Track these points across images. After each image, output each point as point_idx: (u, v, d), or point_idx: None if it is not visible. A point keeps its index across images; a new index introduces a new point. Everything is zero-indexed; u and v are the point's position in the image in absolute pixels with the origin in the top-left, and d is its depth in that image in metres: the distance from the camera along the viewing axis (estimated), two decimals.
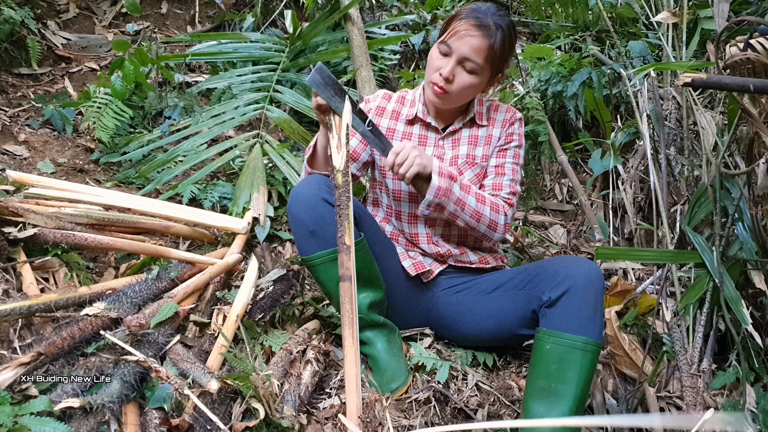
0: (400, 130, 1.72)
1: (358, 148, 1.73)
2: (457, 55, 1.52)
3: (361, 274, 1.54)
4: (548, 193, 2.99)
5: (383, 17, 3.60)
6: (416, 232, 1.71)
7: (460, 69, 1.55)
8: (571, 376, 1.40)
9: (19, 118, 2.73)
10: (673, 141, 2.31)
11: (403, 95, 1.77)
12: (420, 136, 1.71)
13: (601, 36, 3.36)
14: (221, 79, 2.98)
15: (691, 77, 1.38)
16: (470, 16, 1.52)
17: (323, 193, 1.51)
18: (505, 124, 1.70)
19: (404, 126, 1.72)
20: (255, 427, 1.27)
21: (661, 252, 1.93)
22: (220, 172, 2.62)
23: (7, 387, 1.22)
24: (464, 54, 1.52)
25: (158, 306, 1.52)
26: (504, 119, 1.70)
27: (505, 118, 1.70)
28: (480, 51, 1.52)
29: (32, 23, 3.11)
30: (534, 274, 1.56)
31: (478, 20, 1.51)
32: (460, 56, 1.52)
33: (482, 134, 1.70)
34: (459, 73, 1.55)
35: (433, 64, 1.57)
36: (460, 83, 1.55)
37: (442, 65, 1.55)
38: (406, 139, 1.71)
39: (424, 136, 1.71)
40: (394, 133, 1.72)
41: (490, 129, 1.70)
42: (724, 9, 1.82)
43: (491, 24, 1.51)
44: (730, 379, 1.62)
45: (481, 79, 1.57)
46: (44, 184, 2.04)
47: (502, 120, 1.70)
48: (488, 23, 1.51)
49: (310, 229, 1.51)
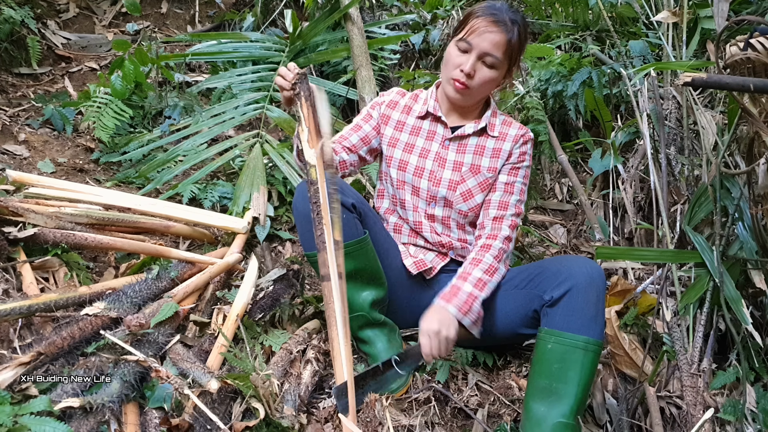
0: (410, 124, 1.76)
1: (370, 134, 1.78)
2: (477, 50, 1.57)
3: (364, 271, 1.56)
4: (548, 192, 2.99)
5: (383, 17, 3.60)
6: (419, 220, 1.74)
7: (480, 64, 1.59)
8: (572, 376, 1.40)
9: (19, 117, 2.73)
10: (673, 140, 2.31)
11: (417, 93, 1.82)
12: (429, 131, 1.74)
13: (602, 35, 3.35)
14: (221, 78, 2.98)
15: (692, 77, 1.38)
16: (487, 13, 1.57)
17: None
18: (518, 140, 1.70)
19: (414, 120, 1.76)
20: (255, 427, 1.27)
21: (662, 252, 1.93)
22: (220, 171, 2.62)
23: (7, 387, 1.22)
24: (485, 49, 1.56)
25: (158, 306, 1.52)
26: (517, 135, 1.71)
27: (518, 134, 1.71)
28: (499, 46, 1.57)
29: (32, 23, 3.11)
30: (536, 273, 1.57)
31: (495, 17, 1.56)
32: (481, 52, 1.57)
33: (490, 145, 1.70)
34: (480, 69, 1.59)
35: (453, 62, 1.60)
36: (481, 78, 1.59)
37: (463, 61, 1.58)
38: (415, 134, 1.74)
39: (432, 132, 1.74)
40: (404, 126, 1.76)
41: (500, 142, 1.70)
42: (724, 8, 1.82)
43: (507, 20, 1.57)
44: (730, 378, 1.62)
45: (500, 72, 1.62)
46: (44, 183, 2.04)
47: (515, 135, 1.71)
48: (505, 19, 1.57)
49: None
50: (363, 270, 1.57)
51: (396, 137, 1.76)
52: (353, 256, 1.53)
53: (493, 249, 1.61)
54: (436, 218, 1.72)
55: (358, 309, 1.58)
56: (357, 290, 1.57)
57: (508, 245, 1.65)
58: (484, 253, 1.61)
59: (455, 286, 1.55)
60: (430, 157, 1.71)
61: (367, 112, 1.81)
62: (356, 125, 1.79)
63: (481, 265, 1.59)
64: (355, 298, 1.57)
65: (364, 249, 1.55)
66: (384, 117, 1.79)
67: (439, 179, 1.69)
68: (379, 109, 1.80)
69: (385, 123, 1.78)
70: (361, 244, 1.55)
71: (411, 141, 1.74)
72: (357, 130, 1.77)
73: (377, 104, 1.81)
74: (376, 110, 1.80)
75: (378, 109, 1.80)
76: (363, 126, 1.78)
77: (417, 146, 1.73)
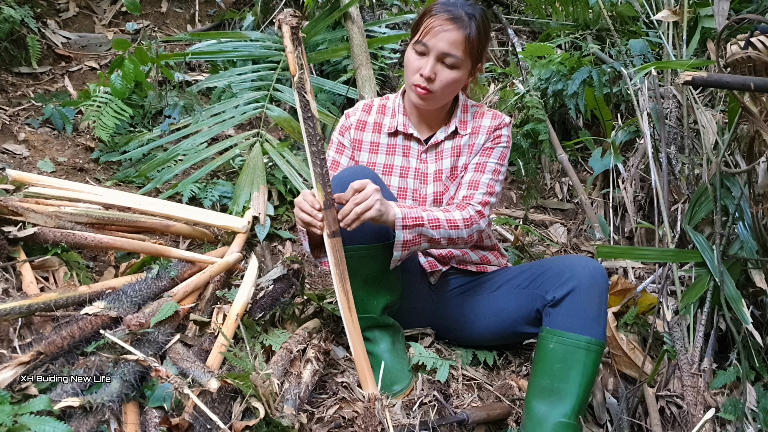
0: (384, 143, 1.68)
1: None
2: (435, 52, 1.50)
3: (383, 275, 1.53)
4: (548, 191, 2.99)
5: (383, 16, 3.59)
6: None
7: (440, 66, 1.52)
8: (574, 376, 1.40)
9: (19, 117, 2.73)
10: (673, 139, 2.31)
11: (384, 103, 1.72)
12: (404, 147, 1.68)
13: (602, 34, 3.35)
14: (221, 77, 2.98)
15: (692, 75, 1.38)
16: (441, 11, 1.50)
17: None
18: (491, 131, 1.64)
19: (387, 138, 1.68)
20: (255, 427, 1.26)
21: (662, 251, 1.93)
22: (220, 170, 2.62)
23: (7, 386, 1.22)
24: (442, 50, 1.49)
25: (158, 305, 1.52)
26: (490, 126, 1.64)
27: (491, 124, 1.65)
28: (457, 44, 1.49)
29: (32, 22, 3.11)
30: (538, 273, 1.56)
31: (450, 13, 1.49)
32: (439, 52, 1.50)
33: (464, 142, 1.65)
34: (440, 71, 1.52)
35: (411, 66, 1.54)
36: (443, 80, 1.52)
37: (422, 65, 1.51)
38: (391, 153, 1.68)
39: (407, 147, 1.68)
40: (378, 147, 1.68)
41: (474, 137, 1.65)
42: (725, 7, 1.82)
43: (464, 15, 1.50)
44: (730, 378, 1.62)
45: (463, 72, 1.55)
46: (44, 183, 2.04)
47: (488, 127, 1.65)
48: (461, 15, 1.50)
49: None
50: (383, 274, 1.52)
51: (373, 161, 1.68)
52: (377, 259, 1.49)
53: (465, 212, 1.53)
54: None
55: (371, 311, 1.54)
56: (372, 294, 1.54)
57: (480, 219, 1.55)
58: (454, 208, 1.54)
59: (413, 207, 1.47)
60: (410, 175, 1.66)
61: (338, 142, 1.70)
62: (334, 161, 1.68)
63: (446, 214, 1.50)
64: (369, 300, 1.54)
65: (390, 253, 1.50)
66: (356, 142, 1.69)
67: (424, 196, 1.65)
68: (349, 134, 1.69)
69: (359, 149, 1.69)
70: (387, 247, 1.49)
71: (389, 162, 1.67)
72: (336, 167, 1.67)
73: (345, 129, 1.70)
74: (347, 137, 1.69)
75: (348, 135, 1.69)
76: (340, 161, 1.68)
77: (396, 166, 1.67)
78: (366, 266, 1.49)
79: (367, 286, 1.52)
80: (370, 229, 1.45)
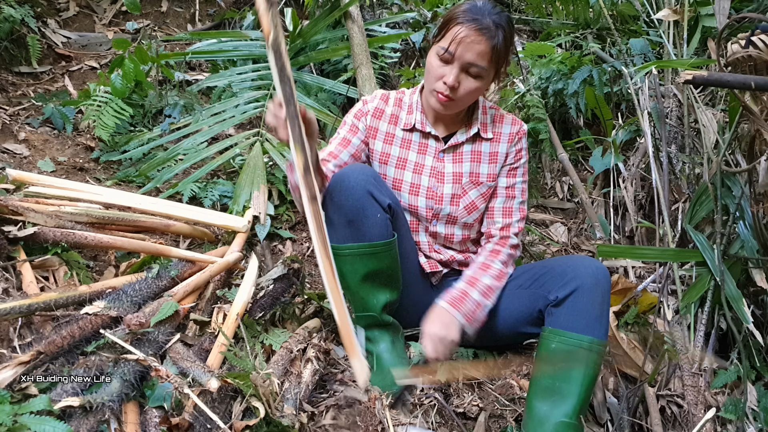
0: (399, 137, 1.67)
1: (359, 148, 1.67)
2: (460, 62, 1.47)
3: (384, 273, 1.53)
4: (549, 191, 2.99)
5: (383, 15, 3.59)
6: (418, 239, 1.70)
7: (464, 75, 1.50)
8: (576, 375, 1.39)
9: (19, 116, 2.73)
10: (674, 139, 2.31)
11: (401, 97, 1.71)
12: (420, 144, 1.67)
13: (602, 33, 3.35)
14: (221, 77, 2.98)
15: (693, 74, 1.38)
16: (469, 20, 1.46)
17: (369, 185, 1.47)
18: (513, 139, 1.65)
19: (403, 132, 1.67)
20: (255, 426, 1.26)
21: (663, 250, 1.93)
22: (220, 170, 2.61)
23: (7, 386, 1.22)
24: (469, 60, 1.46)
25: (158, 305, 1.52)
26: (511, 133, 1.65)
27: (511, 131, 1.65)
28: (484, 55, 1.47)
29: (32, 21, 3.11)
30: (541, 273, 1.56)
31: (477, 23, 1.45)
32: (465, 63, 1.47)
33: (486, 150, 1.65)
34: (464, 80, 1.49)
35: (434, 72, 1.51)
36: (466, 89, 1.50)
37: (445, 73, 1.49)
38: (405, 147, 1.66)
39: (424, 145, 1.67)
40: (393, 139, 1.67)
41: (495, 145, 1.65)
42: (726, 6, 1.82)
43: (491, 25, 1.46)
44: (731, 377, 1.62)
45: (486, 80, 1.54)
46: (44, 182, 2.04)
47: (509, 134, 1.65)
48: (489, 25, 1.45)
49: (348, 219, 1.48)
50: (384, 271, 1.53)
51: (387, 152, 1.66)
52: (379, 257, 1.50)
53: (502, 255, 1.61)
54: (438, 236, 1.68)
55: (371, 310, 1.55)
56: (373, 292, 1.54)
57: (516, 251, 1.64)
58: (493, 259, 1.60)
59: (463, 291, 1.53)
60: (426, 173, 1.65)
61: (352, 123, 1.68)
62: (344, 139, 1.66)
63: (490, 271, 1.57)
64: (369, 299, 1.54)
65: (392, 251, 1.52)
66: (371, 129, 1.67)
67: (441, 195, 1.64)
68: (365, 120, 1.67)
69: (374, 137, 1.67)
70: (389, 245, 1.51)
71: (403, 155, 1.66)
72: (346, 145, 1.65)
73: (362, 114, 1.68)
74: (362, 122, 1.67)
75: (364, 121, 1.67)
76: (351, 140, 1.66)
77: (410, 161, 1.66)
78: (367, 264, 1.50)
79: (367, 284, 1.52)
80: (371, 227, 1.46)
